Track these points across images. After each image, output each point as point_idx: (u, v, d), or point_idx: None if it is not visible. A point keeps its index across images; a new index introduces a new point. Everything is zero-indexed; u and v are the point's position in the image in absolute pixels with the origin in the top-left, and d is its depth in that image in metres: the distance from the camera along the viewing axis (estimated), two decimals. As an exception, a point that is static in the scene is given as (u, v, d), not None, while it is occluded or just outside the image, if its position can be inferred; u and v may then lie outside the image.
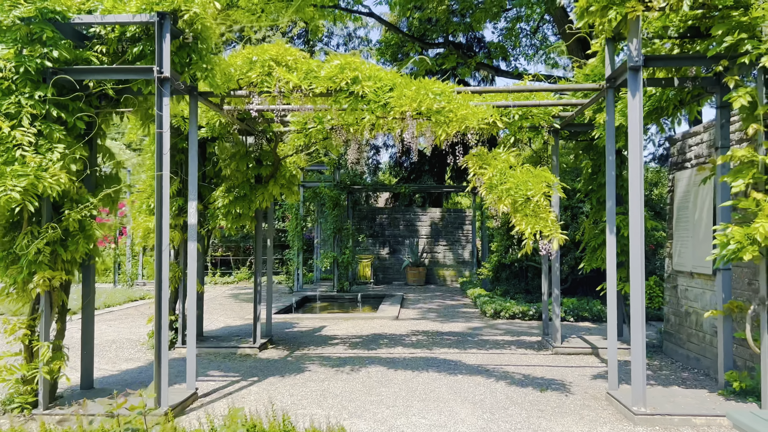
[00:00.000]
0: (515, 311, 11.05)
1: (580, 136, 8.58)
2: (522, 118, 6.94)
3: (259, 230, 8.25)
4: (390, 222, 19.69)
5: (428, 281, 19.21)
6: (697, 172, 6.94)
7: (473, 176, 5.74)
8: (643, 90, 6.61)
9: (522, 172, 5.55)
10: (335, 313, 12.58)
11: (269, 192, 7.77)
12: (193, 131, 5.85)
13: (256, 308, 8.23)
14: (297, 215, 16.13)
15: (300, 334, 9.52)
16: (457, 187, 19.99)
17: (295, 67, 5.86)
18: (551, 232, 5.33)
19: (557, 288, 8.09)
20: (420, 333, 9.50)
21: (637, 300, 5.08)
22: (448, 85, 5.80)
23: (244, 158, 7.88)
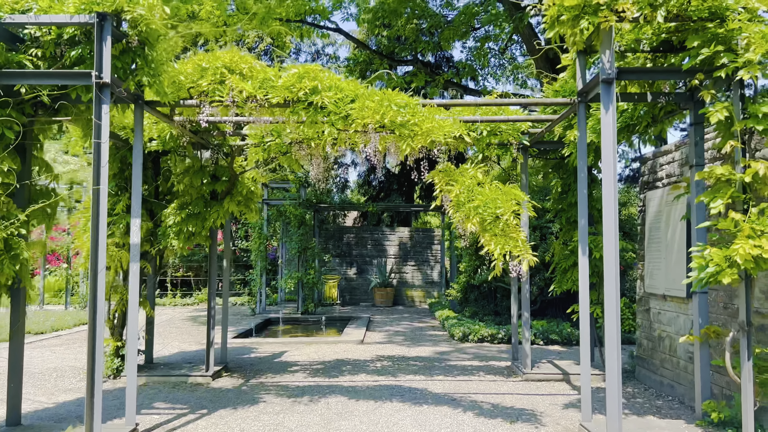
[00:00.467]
0: (484, 334, 10.71)
1: (549, 154, 8.36)
2: (490, 134, 6.66)
3: (213, 250, 7.77)
4: (358, 241, 19.29)
5: (396, 302, 18.81)
6: (670, 191, 6.74)
7: (439, 193, 5.40)
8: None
9: (491, 189, 5.23)
10: (298, 336, 12.07)
11: (225, 209, 7.31)
12: (138, 142, 5.39)
13: (210, 333, 7.71)
14: (260, 234, 15.61)
15: (258, 360, 9.00)
16: (426, 206, 19.72)
17: (250, 75, 5.47)
18: (521, 253, 5.01)
19: (527, 311, 7.78)
20: (385, 358, 9.07)
21: (612, 326, 4.78)
22: (413, 98, 5.48)
23: (199, 173, 7.42)
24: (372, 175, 23.62)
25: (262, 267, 15.81)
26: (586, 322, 5.47)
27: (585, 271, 5.40)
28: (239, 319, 14.50)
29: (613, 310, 4.77)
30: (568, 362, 8.32)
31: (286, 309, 16.54)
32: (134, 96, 5.38)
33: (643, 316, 7.72)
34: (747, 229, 4.36)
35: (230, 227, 8.06)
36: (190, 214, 7.38)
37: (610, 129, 4.77)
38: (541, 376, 7.56)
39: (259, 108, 5.51)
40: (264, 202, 16.09)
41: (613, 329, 4.78)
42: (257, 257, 15.70)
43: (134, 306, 5.32)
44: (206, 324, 7.83)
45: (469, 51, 19.31)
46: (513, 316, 8.31)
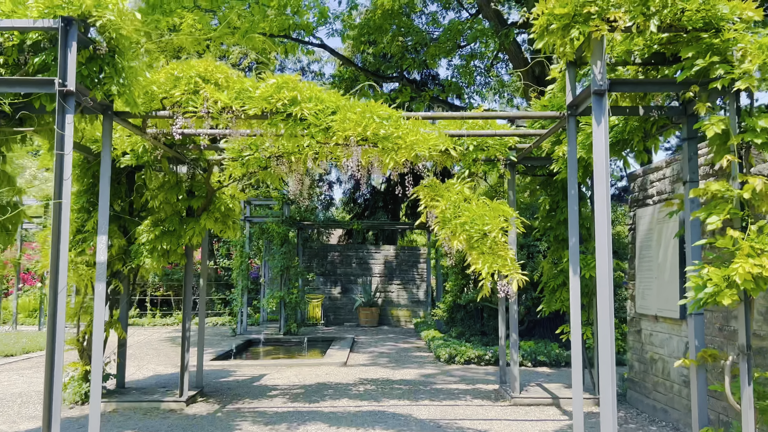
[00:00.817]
0: (471, 356, 10.42)
1: (537, 171, 8.17)
2: (477, 149, 6.45)
3: (189, 268, 7.44)
4: (342, 260, 18.98)
5: (381, 322, 18.46)
6: (662, 209, 6.56)
7: (424, 209, 5.15)
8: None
9: (478, 205, 5.00)
10: (279, 358, 11.68)
11: (201, 226, 7.01)
12: (107, 155, 5.10)
13: (184, 356, 7.35)
14: (242, 252, 15.25)
15: (236, 384, 8.63)
16: (412, 224, 19.49)
17: (226, 85, 5.22)
18: (510, 272, 4.77)
19: (515, 332, 7.52)
20: (369, 381, 8.74)
21: (606, 349, 4.52)
22: (397, 111, 5.25)
23: (174, 189, 7.12)
24: (357, 193, 23.38)
25: (243, 286, 15.42)
26: (578, 345, 5.21)
27: (576, 292, 5.16)
28: (219, 340, 14.08)
29: (607, 331, 4.52)
30: (557, 385, 8.05)
31: (268, 329, 16.13)
32: (102, 106, 5.10)
33: (634, 337, 7.49)
34: (746, 247, 4.15)
35: (207, 245, 7.74)
36: (165, 231, 7.06)
37: (602, 143, 4.56)
38: (530, 400, 7.28)
39: (236, 120, 5.25)
40: (246, 219, 15.77)
41: (608, 351, 4.52)
42: (239, 276, 15.32)
43: (99, 329, 4.99)
44: (181, 347, 7.48)
45: (455, 69, 19.25)
46: (501, 338, 8.05)
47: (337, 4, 21.95)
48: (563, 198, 7.92)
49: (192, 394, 7.46)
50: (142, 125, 5.72)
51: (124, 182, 7.66)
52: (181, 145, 6.67)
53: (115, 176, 7.50)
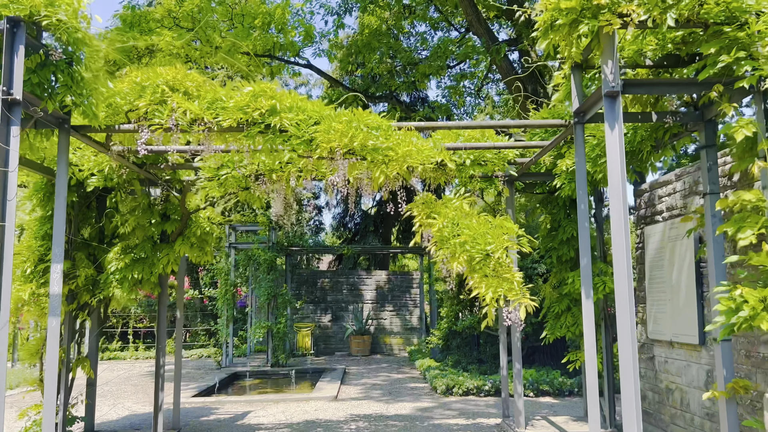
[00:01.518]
0: (469, 386, 9.80)
1: (536, 189, 7.70)
2: (474, 163, 5.96)
3: (163, 299, 6.84)
4: (333, 286, 18.35)
5: (374, 350, 17.78)
6: (675, 225, 6.08)
7: (419, 228, 4.63)
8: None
9: (479, 222, 4.48)
10: (265, 393, 11.00)
11: (176, 252, 6.44)
12: (62, 174, 4.55)
13: (158, 396, 6.71)
14: (227, 280, 14.61)
15: (217, 423, 7.96)
16: (404, 248, 18.97)
17: (197, 94, 4.71)
18: (517, 297, 4.23)
19: (518, 361, 6.95)
20: (361, 418, 8.10)
21: (629, 383, 3.97)
22: (387, 120, 4.76)
23: (146, 212, 6.57)
24: (347, 217, 22.85)
25: (228, 316, 14.74)
26: (593, 377, 4.67)
27: (590, 316, 4.63)
28: (203, 373, 13.36)
29: (629, 360, 3.98)
30: (564, 418, 7.45)
31: (255, 361, 15.42)
32: (58, 119, 4.57)
33: (646, 365, 6.94)
34: (787, 264, 3.66)
35: (184, 272, 7.16)
36: (136, 259, 6.48)
37: (617, 151, 4.08)
38: (537, 436, 6.69)
39: (208, 133, 4.73)
40: (231, 246, 15.16)
41: (631, 384, 3.98)
42: (224, 305, 14.65)
43: (52, 369, 4.38)
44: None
45: (445, 89, 18.93)
46: (502, 368, 7.47)
47: (324, 24, 21.91)
48: (565, 216, 7.44)
49: (167, 437, 6.80)
50: (106, 141, 5.19)
51: (95, 206, 7.11)
52: (152, 164, 6.14)
53: (84, 200, 6.95)
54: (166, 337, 6.86)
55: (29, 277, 6.37)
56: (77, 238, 6.77)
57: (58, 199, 4.50)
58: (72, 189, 6.54)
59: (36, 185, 6.50)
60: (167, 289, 6.83)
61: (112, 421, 8.20)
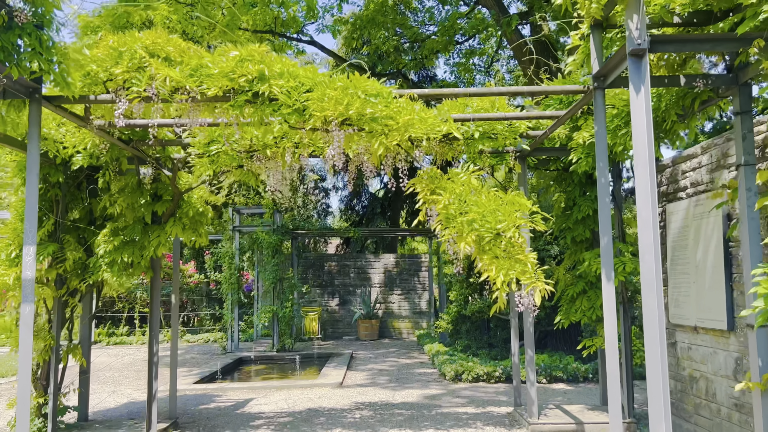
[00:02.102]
0: (479, 372, 9.45)
1: (550, 165, 7.26)
2: (483, 136, 5.53)
3: (155, 284, 6.50)
4: (340, 270, 18.02)
5: (382, 335, 17.48)
6: (706, 200, 5.63)
7: (423, 205, 4.22)
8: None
9: (489, 198, 4.07)
10: (269, 379, 10.72)
11: (167, 234, 6.08)
12: (33, 148, 4.18)
13: (152, 385, 6.40)
14: (231, 264, 14.31)
15: (217, 412, 7.67)
16: (412, 231, 18.55)
17: (180, 60, 4.31)
18: (531, 280, 3.83)
19: (531, 348, 6.56)
20: (366, 406, 7.78)
21: (656, 372, 3.58)
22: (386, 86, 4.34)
23: (136, 192, 6.21)
24: (354, 200, 22.45)
25: (233, 300, 14.48)
26: (614, 363, 4.28)
27: (611, 300, 4.23)
28: (208, 358, 13.11)
29: (656, 347, 3.58)
30: (579, 407, 7.08)
31: (261, 345, 15.16)
32: (28, 88, 4.19)
33: (667, 351, 6.53)
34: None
35: (178, 255, 6.81)
36: (126, 242, 6.15)
37: (644, 116, 3.64)
38: (551, 426, 6.32)
39: (192, 103, 4.34)
40: (235, 229, 14.84)
41: (658, 373, 3.58)
42: (228, 290, 14.37)
43: (25, 361, 4.05)
44: (147, 373, 6.53)
45: (454, 67, 18.38)
46: (513, 354, 7.10)
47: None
48: (581, 194, 7.01)
49: (163, 427, 6.51)
50: (85, 114, 4.80)
51: (85, 187, 6.76)
52: (140, 141, 5.76)
53: (72, 179, 6.61)
54: (158, 323, 6.52)
55: (14, 260, 6.04)
56: (65, 220, 6.43)
57: (30, 176, 4.14)
58: (58, 168, 6.21)
59: (20, 164, 6.15)
60: (159, 272, 6.48)
61: (109, 409, 7.94)
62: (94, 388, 9.58)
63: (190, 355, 13.97)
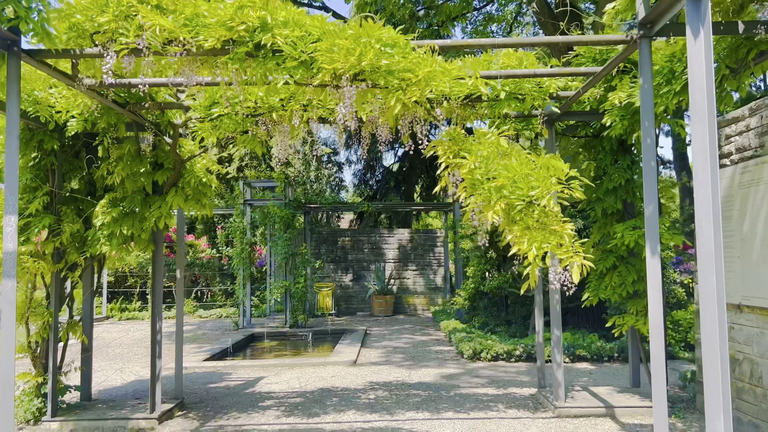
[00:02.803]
0: (499, 351, 9.06)
1: (579, 131, 6.75)
2: (510, 97, 5.02)
3: (158, 258, 6.14)
4: (353, 245, 17.65)
5: (397, 311, 17.16)
6: (754, 167, 5.11)
7: (444, 170, 3.77)
8: (673, 54, 4.81)
9: (520, 161, 3.60)
10: (281, 356, 10.43)
11: (168, 205, 5.70)
12: (12, 106, 3.78)
13: (156, 364, 6.08)
14: (242, 239, 13.99)
15: (226, 391, 7.36)
16: (427, 205, 18.09)
17: (173, 9, 3.85)
18: (569, 254, 3.38)
19: (558, 328, 6.14)
20: (381, 386, 7.43)
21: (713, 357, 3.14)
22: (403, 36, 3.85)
23: (135, 160, 5.82)
24: (368, 174, 21.98)
25: (245, 276, 14.18)
26: (659, 348, 3.84)
27: (656, 277, 3.78)
28: (219, 335, 12.86)
29: (714, 328, 3.14)
30: (606, 389, 6.67)
31: (274, 321, 14.90)
32: (5, 40, 3.77)
33: (705, 330, 6.06)
34: None
35: (183, 228, 6.44)
36: (126, 213, 5.78)
37: (704, 64, 3.14)
38: (579, 410, 5.92)
39: (188, 56, 3.89)
40: (246, 202, 14.48)
41: (716, 360, 3.14)
42: (239, 265, 14.07)
43: (8, 337, 3.70)
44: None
45: (471, 35, 17.68)
46: (537, 333, 6.68)
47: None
48: (612, 162, 6.51)
49: (168, 407, 6.20)
50: (73, 72, 4.38)
51: (84, 155, 6.39)
52: (137, 104, 5.33)
53: (69, 147, 6.24)
54: (161, 299, 6.17)
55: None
56: (62, 190, 6.07)
57: (9, 138, 3.74)
58: (52, 134, 5.82)
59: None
60: (162, 246, 6.11)
61: (115, 387, 7.67)
62: (102, 365, 9.36)
63: (202, 330, 13.75)
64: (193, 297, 18.78)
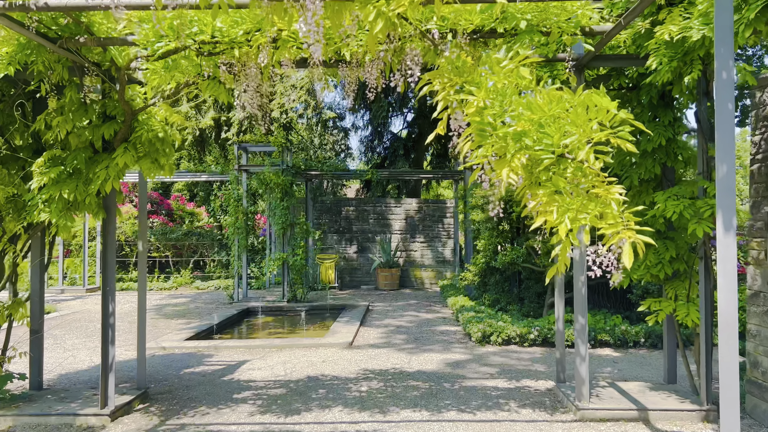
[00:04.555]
0: (511, 334, 8.13)
1: (611, 81, 5.68)
2: (532, 29, 3.97)
3: (109, 227, 5.21)
4: (358, 215, 16.71)
5: (403, 284, 16.30)
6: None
7: (443, 111, 2.75)
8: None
9: (548, 99, 2.58)
10: (273, 335, 9.60)
11: (115, 164, 4.75)
12: None
13: (107, 353, 5.22)
14: (237, 207, 13.09)
15: (201, 378, 6.52)
16: (436, 173, 17.05)
17: None
18: (616, 229, 2.39)
19: (583, 314, 5.16)
20: (376, 375, 6.55)
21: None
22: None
23: (80, 111, 4.85)
24: (376, 140, 20.88)
25: (241, 246, 13.33)
26: (731, 349, 2.88)
27: (729, 259, 2.79)
28: (213, 309, 12.07)
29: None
30: (637, 385, 5.73)
31: (272, 295, 14.09)
32: None
33: (760, 320, 5.08)
34: None
35: (145, 192, 5.51)
36: (70, 173, 4.84)
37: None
38: (605, 412, 4.98)
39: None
40: (241, 168, 13.54)
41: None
42: (235, 235, 13.20)
43: None
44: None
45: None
46: (557, 318, 5.72)
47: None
48: (651, 119, 5.45)
49: (126, 400, 5.36)
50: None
51: (30, 109, 5.44)
52: (70, 38, 4.34)
53: (8, 97, 5.29)
54: (114, 275, 5.26)
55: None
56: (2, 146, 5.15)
57: None
58: None
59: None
60: (115, 214, 5.18)
61: (80, 371, 6.85)
62: (75, 344, 8.58)
63: (195, 304, 12.98)
64: (189, 267, 18.02)
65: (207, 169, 14.67)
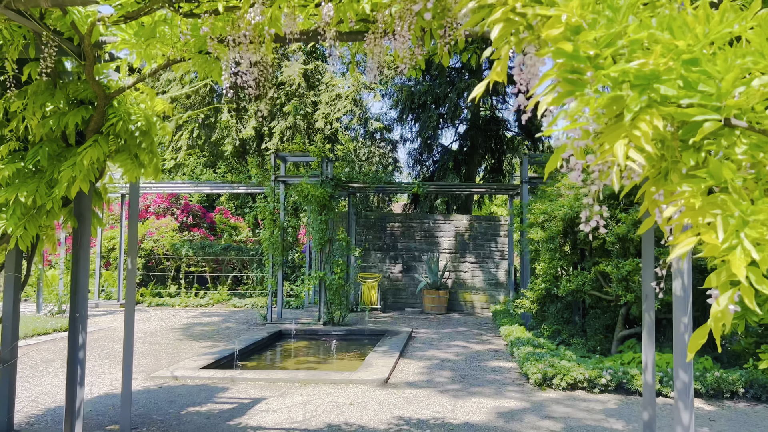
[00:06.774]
0: (577, 377, 6.77)
1: None
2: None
3: (83, 239, 4.25)
4: (404, 232, 15.58)
5: (451, 308, 15.02)
6: None
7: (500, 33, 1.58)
8: None
9: (704, 11, 1.39)
10: (300, 365, 8.53)
11: (81, 160, 3.78)
12: None
13: (74, 393, 4.24)
14: (273, 220, 12.18)
15: (204, 421, 5.48)
16: (489, 187, 15.76)
17: None
18: None
19: (685, 369, 3.83)
20: (412, 427, 5.34)
21: None
22: None
23: (44, 94, 3.93)
24: (425, 153, 19.75)
25: (276, 263, 12.39)
26: None
27: None
28: (244, 330, 11.13)
29: None
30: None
31: (310, 315, 13.08)
32: None
33: None
34: None
35: (137, 197, 4.56)
36: (33, 171, 3.92)
37: None
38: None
39: None
40: (278, 179, 12.66)
41: None
42: (269, 250, 12.28)
43: None
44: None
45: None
46: (645, 366, 4.39)
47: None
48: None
49: (101, 451, 4.36)
50: None
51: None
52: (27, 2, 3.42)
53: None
54: (85, 298, 4.28)
55: None
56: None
57: None
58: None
59: None
60: (89, 221, 4.23)
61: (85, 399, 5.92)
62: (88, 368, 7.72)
63: (227, 324, 12.09)
64: (229, 283, 17.27)
65: (244, 180, 13.86)
